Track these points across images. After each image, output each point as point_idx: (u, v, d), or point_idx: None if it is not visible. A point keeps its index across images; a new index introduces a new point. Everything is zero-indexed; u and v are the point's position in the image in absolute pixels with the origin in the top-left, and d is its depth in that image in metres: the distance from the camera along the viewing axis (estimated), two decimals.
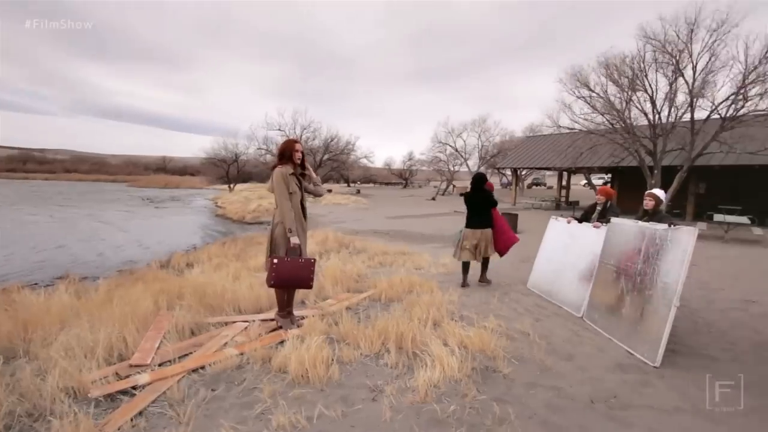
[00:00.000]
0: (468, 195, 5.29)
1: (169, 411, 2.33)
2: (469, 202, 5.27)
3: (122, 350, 3.06)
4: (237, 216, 18.48)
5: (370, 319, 3.65)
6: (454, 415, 2.26)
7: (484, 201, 5.15)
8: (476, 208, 5.19)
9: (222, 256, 8.13)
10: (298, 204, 3.58)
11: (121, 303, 3.84)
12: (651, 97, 13.45)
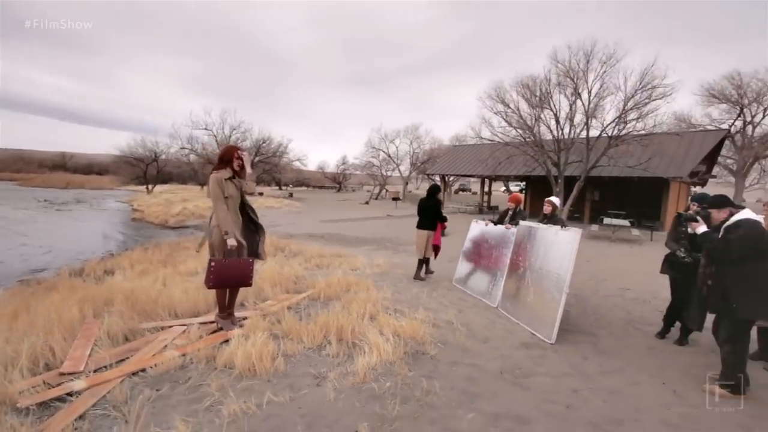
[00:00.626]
0: (421, 201, 6.11)
1: (113, 412, 2.37)
2: (420, 207, 6.09)
3: (49, 359, 2.93)
4: (159, 220, 17.14)
5: (311, 316, 3.88)
6: (390, 390, 2.62)
7: (431, 208, 6.01)
8: (425, 213, 6.03)
9: (146, 262, 7.66)
10: (236, 207, 3.68)
11: (41, 312, 3.59)
12: (555, 115, 15.40)
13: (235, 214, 3.63)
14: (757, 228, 2.96)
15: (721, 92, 24.50)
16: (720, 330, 3.12)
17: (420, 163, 38.97)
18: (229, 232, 3.52)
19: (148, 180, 32.74)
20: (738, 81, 23.65)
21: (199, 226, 15.61)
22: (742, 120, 24.60)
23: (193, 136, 29.78)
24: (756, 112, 23.88)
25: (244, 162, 3.68)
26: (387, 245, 10.58)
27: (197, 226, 15.82)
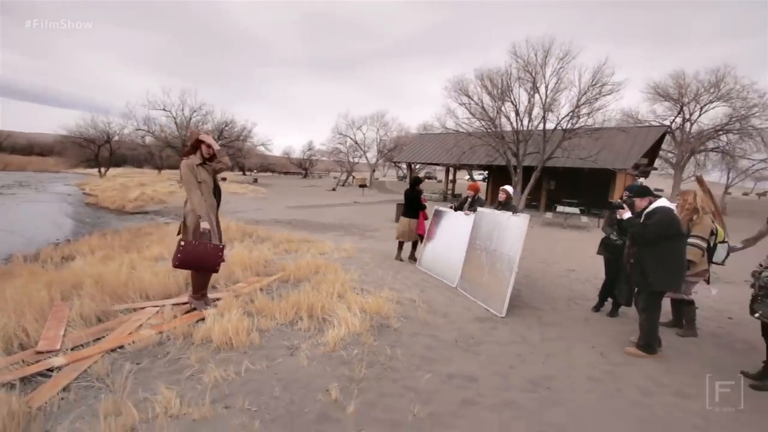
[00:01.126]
0: (407, 191, 6.82)
1: (96, 383, 2.52)
2: (406, 197, 6.76)
3: (23, 340, 3.00)
4: (115, 205, 16.38)
5: (282, 296, 4.11)
6: (357, 357, 2.94)
7: (414, 198, 6.65)
8: (409, 202, 6.70)
9: (107, 248, 7.48)
10: (209, 191, 3.78)
11: (9, 296, 3.58)
12: (516, 108, 16.12)
13: (209, 198, 3.74)
14: (670, 214, 3.50)
15: (665, 90, 26.44)
16: (639, 301, 3.67)
17: (387, 151, 39.24)
18: (203, 216, 3.64)
19: (101, 163, 30.77)
20: (682, 80, 25.61)
21: (159, 212, 15.11)
22: (681, 117, 26.72)
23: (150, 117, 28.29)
24: (693, 110, 26.03)
25: (207, 140, 3.73)
26: (354, 231, 10.84)
27: (157, 211, 15.29)
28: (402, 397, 2.54)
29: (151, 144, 33.55)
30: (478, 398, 2.64)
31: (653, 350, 3.53)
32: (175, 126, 27.16)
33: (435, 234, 6.46)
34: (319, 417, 2.25)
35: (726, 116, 24.87)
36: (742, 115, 23.81)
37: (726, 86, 24.35)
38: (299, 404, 2.36)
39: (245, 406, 2.30)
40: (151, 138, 29.52)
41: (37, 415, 2.19)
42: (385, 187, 32.43)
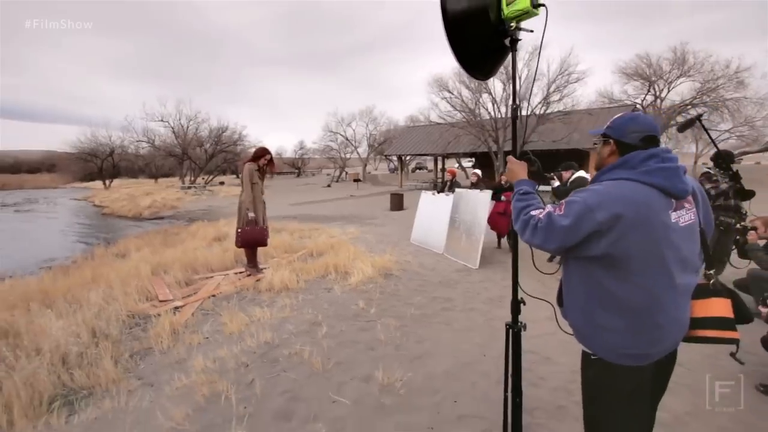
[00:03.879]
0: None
1: (209, 312, 3.98)
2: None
3: (147, 294, 4.44)
4: (131, 213, 17.66)
5: (313, 262, 5.58)
6: (372, 289, 4.43)
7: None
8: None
9: (149, 245, 8.86)
10: (259, 190, 5.21)
11: (118, 273, 5.02)
12: (493, 98, 17.60)
13: (259, 195, 5.16)
14: (583, 180, 5.02)
15: (635, 70, 28.08)
16: None
17: (377, 145, 40.57)
18: (250, 208, 5.07)
19: (104, 175, 31.84)
20: (647, 60, 27.24)
21: (174, 216, 16.46)
22: (652, 95, 28.41)
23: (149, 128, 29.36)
24: (662, 87, 27.73)
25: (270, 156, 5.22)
26: (355, 220, 12.29)
27: (173, 216, 16.63)
28: (403, 307, 4.03)
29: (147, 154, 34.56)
30: (452, 307, 4.14)
31: None
32: (173, 135, 28.27)
33: (422, 212, 7.94)
34: (354, 315, 3.74)
35: (694, 90, 26.32)
36: (709, 88, 25.09)
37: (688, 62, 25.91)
38: (341, 310, 3.85)
39: (309, 312, 3.78)
40: (149, 148, 30.61)
41: (187, 325, 3.64)
42: (378, 180, 33.83)
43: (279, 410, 2.26)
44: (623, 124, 1.56)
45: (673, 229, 1.41)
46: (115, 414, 2.26)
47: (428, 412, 2.34)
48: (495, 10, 1.70)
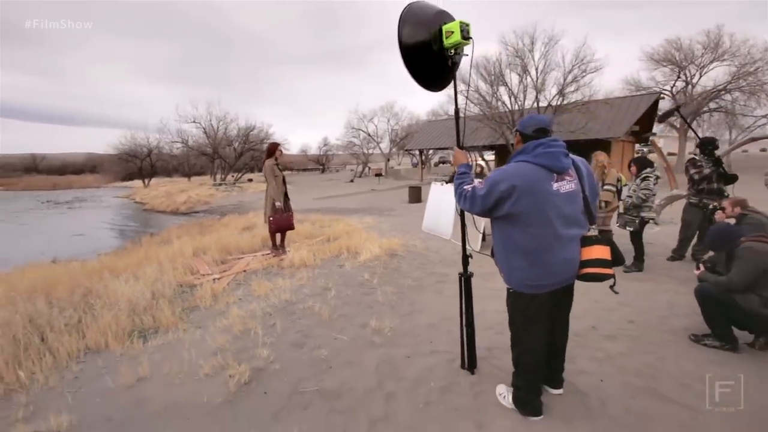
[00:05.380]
0: None
1: (241, 283, 4.80)
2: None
3: (191, 270, 5.33)
4: (170, 209, 19.21)
5: (329, 245, 6.33)
6: (378, 265, 5.13)
7: None
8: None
9: (188, 234, 9.93)
10: (281, 181, 5.98)
11: (162, 255, 5.95)
12: (511, 91, 17.79)
13: (281, 186, 5.94)
14: None
15: (664, 56, 27.17)
16: None
17: (399, 140, 41.10)
18: (276, 199, 5.85)
19: (143, 174, 34.18)
20: (678, 44, 26.32)
21: (208, 210, 17.78)
22: (683, 81, 27.44)
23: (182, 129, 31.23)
24: (693, 73, 26.72)
25: (281, 147, 6.01)
26: (373, 212, 13.01)
27: (207, 210, 17.98)
28: (402, 279, 4.70)
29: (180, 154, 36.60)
30: (446, 280, 4.77)
31: None
32: (205, 135, 29.96)
33: (432, 202, 8.53)
34: (359, 284, 4.45)
35: (729, 75, 25.12)
36: (746, 72, 23.87)
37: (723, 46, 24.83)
38: (349, 280, 4.58)
39: (322, 281, 4.53)
40: (183, 148, 32.54)
41: (223, 290, 4.47)
42: (400, 175, 34.45)
43: (294, 341, 3.00)
44: (525, 122, 2.19)
45: (555, 195, 2.03)
46: (176, 341, 3.07)
47: (408, 348, 3.01)
48: (437, 42, 2.34)
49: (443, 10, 2.42)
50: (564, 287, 2.18)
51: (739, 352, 2.86)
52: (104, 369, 2.68)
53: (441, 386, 2.49)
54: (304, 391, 2.38)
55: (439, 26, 2.36)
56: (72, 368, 2.76)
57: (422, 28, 2.36)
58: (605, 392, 2.40)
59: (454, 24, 2.29)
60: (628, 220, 5.17)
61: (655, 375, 2.59)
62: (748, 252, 2.81)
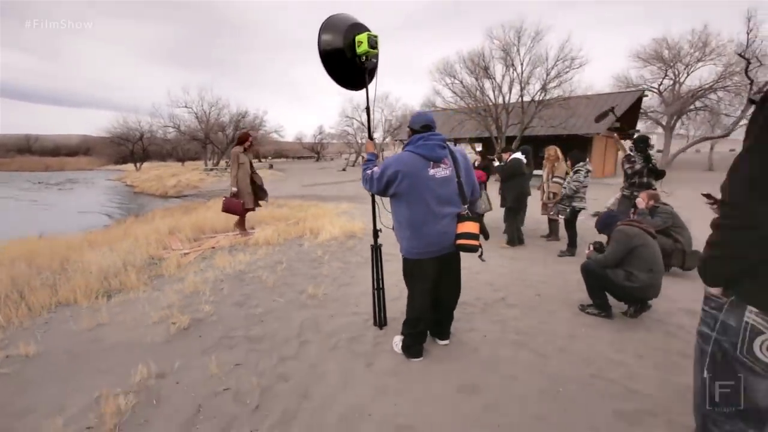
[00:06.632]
0: None
1: (207, 258, 5.29)
2: None
3: (165, 245, 5.81)
4: (159, 192, 19.61)
5: (296, 226, 6.83)
6: (334, 244, 5.63)
7: None
8: None
9: (172, 216, 10.38)
10: (246, 169, 6.38)
11: (141, 232, 6.42)
12: (498, 84, 18.18)
13: (244, 174, 6.36)
14: (516, 161, 5.98)
15: (654, 54, 27.51)
16: (504, 217, 6.20)
17: (393, 130, 41.37)
18: (232, 183, 6.25)
19: (135, 158, 34.34)
20: (666, 43, 26.66)
21: (196, 194, 18.19)
22: (670, 79, 27.84)
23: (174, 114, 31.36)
24: (681, 71, 27.12)
25: (252, 135, 6.41)
26: (354, 199, 13.49)
27: (195, 194, 18.38)
28: (352, 257, 5.21)
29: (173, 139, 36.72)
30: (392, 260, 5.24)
31: (514, 243, 6.06)
32: (197, 120, 30.14)
33: None
34: (311, 259, 4.96)
35: (716, 74, 25.51)
36: (732, 72, 24.22)
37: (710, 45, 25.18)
38: (303, 256, 5.08)
39: (279, 256, 5.03)
40: (176, 133, 32.67)
41: (189, 263, 4.96)
42: None
43: (236, 301, 3.51)
44: (414, 119, 2.68)
45: (431, 179, 2.52)
46: (135, 299, 3.58)
47: (334, 310, 3.53)
48: (350, 50, 2.80)
49: (357, 23, 2.87)
50: (446, 256, 2.67)
51: (612, 319, 3.39)
52: (70, 317, 3.18)
53: (349, 337, 3.01)
54: (232, 336, 2.89)
55: (353, 36, 2.81)
56: (44, 316, 3.26)
57: (339, 37, 2.82)
58: (483, 344, 2.93)
59: (363, 35, 2.75)
60: (560, 209, 5.70)
61: (532, 333, 3.12)
62: (619, 234, 3.33)
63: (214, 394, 2.23)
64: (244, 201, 6.35)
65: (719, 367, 1.08)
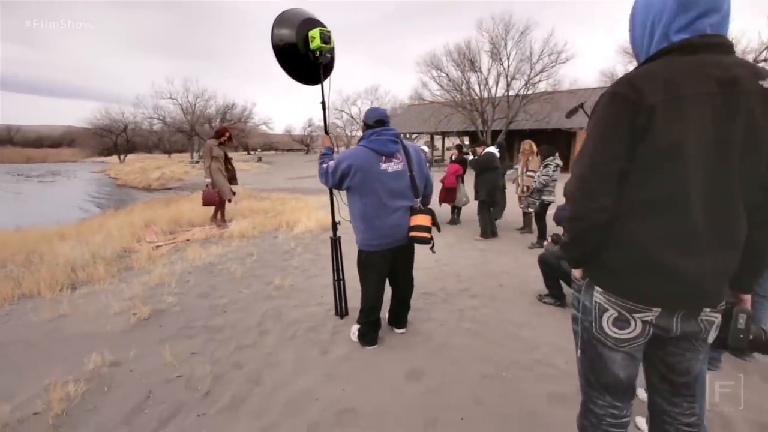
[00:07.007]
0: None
1: (181, 249, 5.30)
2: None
3: (139, 237, 5.80)
4: (142, 185, 19.37)
5: (273, 219, 6.86)
6: (308, 236, 5.68)
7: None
8: None
9: (153, 209, 10.31)
10: (220, 161, 6.38)
11: (114, 224, 6.40)
12: (485, 78, 18.26)
13: (219, 165, 6.36)
14: (489, 155, 6.08)
15: None
16: (477, 209, 6.31)
17: None
18: (206, 175, 6.27)
19: (119, 150, 33.73)
20: None
21: (180, 187, 18.02)
22: None
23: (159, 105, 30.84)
24: None
25: (229, 131, 6.42)
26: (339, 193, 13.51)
27: (179, 187, 18.20)
28: (324, 249, 5.26)
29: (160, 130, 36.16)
30: None
31: (487, 236, 6.18)
32: (182, 112, 29.70)
33: None
34: (284, 251, 5.01)
35: None
36: None
37: None
38: (276, 248, 5.13)
39: (251, 249, 5.07)
40: (161, 125, 32.15)
41: (161, 255, 4.98)
42: None
43: (200, 293, 3.57)
44: (367, 114, 2.74)
45: (383, 173, 2.59)
46: (100, 291, 3.61)
47: (298, 301, 3.60)
48: (303, 45, 2.84)
49: (311, 18, 2.91)
50: (399, 248, 2.76)
51: (565, 307, 3.53)
52: (31, 309, 3.21)
53: (309, 326, 3.09)
54: (192, 326, 2.95)
55: (306, 32, 2.85)
56: (5, 308, 3.28)
57: (292, 32, 2.85)
58: (437, 333, 3.04)
59: (315, 31, 2.79)
60: (530, 202, 5.83)
61: (486, 322, 3.24)
62: None
63: (166, 381, 2.29)
64: (220, 192, 6.38)
65: (585, 345, 1.18)
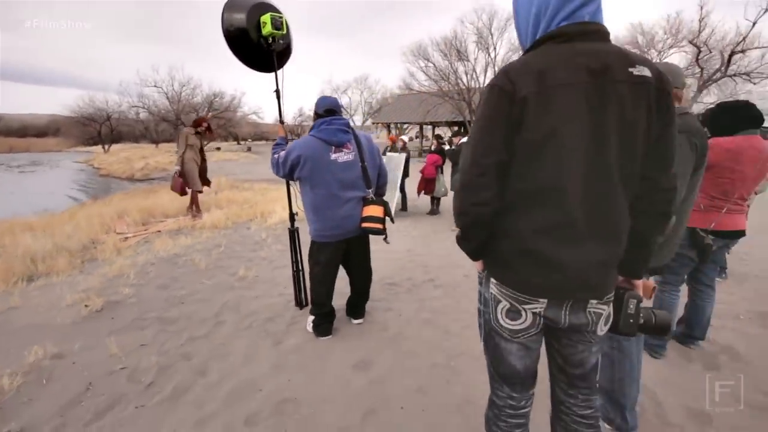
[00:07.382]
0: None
1: (151, 241, 5.24)
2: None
3: (109, 228, 5.72)
4: (125, 175, 19.06)
5: (248, 208, 6.80)
6: (280, 228, 5.65)
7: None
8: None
9: (132, 199, 10.17)
10: (194, 151, 6.29)
11: (86, 215, 6.29)
12: (473, 67, 18.15)
13: (194, 155, 6.27)
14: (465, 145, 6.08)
15: (629, 39, 27.82)
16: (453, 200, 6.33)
17: (373, 113, 41.01)
18: (176, 163, 6.18)
19: (103, 140, 33.04)
20: (641, 29, 26.97)
21: (164, 177, 17.76)
22: None
23: (144, 94, 30.17)
24: (654, 57, 27.54)
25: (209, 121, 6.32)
26: None
27: (163, 177, 17.95)
28: None
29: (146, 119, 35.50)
30: None
31: None
32: (167, 101, 29.12)
33: None
34: (254, 243, 4.98)
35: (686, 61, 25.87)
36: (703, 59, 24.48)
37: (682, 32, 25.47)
38: (246, 240, 5.10)
39: (221, 240, 5.03)
40: (146, 113, 31.52)
41: (129, 246, 4.92)
42: None
43: (160, 284, 3.53)
44: (318, 103, 2.69)
45: (333, 163, 2.56)
46: (57, 283, 3.56)
47: (261, 291, 3.59)
48: (255, 32, 2.77)
49: (262, 2, 2.83)
50: (352, 240, 2.74)
51: None
52: None
53: (266, 317, 3.08)
54: (146, 318, 2.93)
55: (258, 17, 2.78)
56: None
57: (242, 16, 2.77)
58: (395, 323, 3.05)
59: (266, 16, 2.72)
60: None
61: (444, 312, 3.25)
62: None
63: (109, 373, 2.28)
64: (188, 182, 6.30)
65: (487, 337, 1.18)
